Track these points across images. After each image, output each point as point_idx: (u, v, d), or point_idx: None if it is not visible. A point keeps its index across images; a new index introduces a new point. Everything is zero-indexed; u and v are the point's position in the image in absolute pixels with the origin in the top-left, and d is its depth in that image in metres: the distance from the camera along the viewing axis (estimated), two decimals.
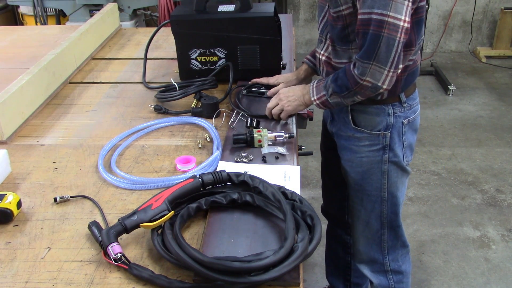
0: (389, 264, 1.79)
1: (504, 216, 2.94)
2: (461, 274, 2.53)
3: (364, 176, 1.65)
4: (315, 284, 2.49)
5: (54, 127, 1.73)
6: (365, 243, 1.79)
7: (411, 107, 1.59)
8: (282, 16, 2.30)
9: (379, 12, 1.32)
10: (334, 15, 1.48)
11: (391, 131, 1.58)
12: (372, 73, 1.37)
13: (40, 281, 1.06)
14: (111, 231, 1.10)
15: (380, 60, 1.36)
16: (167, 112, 1.77)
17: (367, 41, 1.36)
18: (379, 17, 1.32)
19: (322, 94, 1.51)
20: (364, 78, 1.39)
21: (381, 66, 1.36)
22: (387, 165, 1.62)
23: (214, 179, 1.24)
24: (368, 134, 1.60)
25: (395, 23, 1.32)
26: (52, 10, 4.25)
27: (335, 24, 1.50)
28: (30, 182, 1.41)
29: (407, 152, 1.64)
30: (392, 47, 1.34)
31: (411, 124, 1.61)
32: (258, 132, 1.52)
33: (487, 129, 3.91)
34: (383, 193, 1.66)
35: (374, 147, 1.60)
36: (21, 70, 1.87)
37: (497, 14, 5.22)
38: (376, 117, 1.57)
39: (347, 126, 1.63)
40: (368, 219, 1.73)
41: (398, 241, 1.78)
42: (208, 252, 1.09)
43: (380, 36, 1.33)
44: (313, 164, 3.45)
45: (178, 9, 2.00)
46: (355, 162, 1.65)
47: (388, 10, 1.31)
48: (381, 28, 1.33)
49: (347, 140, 1.66)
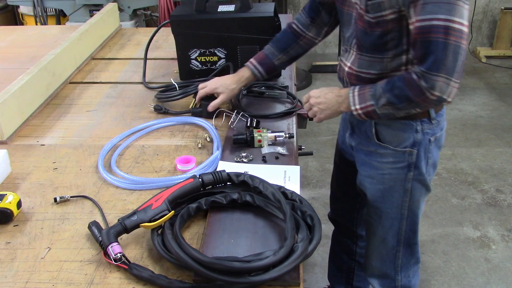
0: (401, 280, 1.72)
1: (504, 216, 2.94)
2: (461, 274, 2.53)
3: (385, 194, 1.56)
4: (315, 284, 2.48)
5: (54, 127, 1.73)
6: (379, 259, 1.72)
7: (439, 124, 1.49)
8: (282, 16, 2.30)
9: (444, 17, 1.20)
10: (373, 20, 1.35)
11: (418, 148, 1.48)
12: (440, 86, 1.24)
13: (40, 281, 1.06)
14: (111, 231, 1.10)
15: (448, 71, 1.23)
16: (167, 112, 1.77)
17: (432, 50, 1.22)
18: (444, 23, 1.20)
19: (369, 104, 1.36)
20: (433, 92, 1.25)
21: (449, 77, 1.23)
22: (411, 183, 1.52)
23: (214, 179, 1.24)
24: (393, 151, 1.49)
25: (460, 29, 1.21)
26: (52, 10, 4.25)
27: (371, 31, 1.37)
28: (30, 182, 1.41)
29: (430, 170, 1.55)
30: (459, 55, 1.22)
31: (437, 141, 1.52)
32: (258, 132, 1.52)
33: (487, 129, 3.91)
34: (403, 211, 1.58)
35: (398, 164, 1.50)
36: (21, 70, 1.87)
37: (497, 14, 5.22)
38: (403, 133, 1.46)
39: (369, 140, 1.53)
40: (384, 236, 1.65)
41: (412, 258, 1.70)
42: (208, 252, 1.09)
43: (447, 44, 1.21)
44: (313, 164, 3.45)
45: (178, 9, 2.00)
46: (376, 178, 1.56)
47: (453, 15, 1.20)
48: (448, 35, 1.21)
49: (368, 155, 1.56)
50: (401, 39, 1.35)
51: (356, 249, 2.03)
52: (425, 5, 1.22)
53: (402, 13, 1.30)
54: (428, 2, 1.22)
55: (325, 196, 3.02)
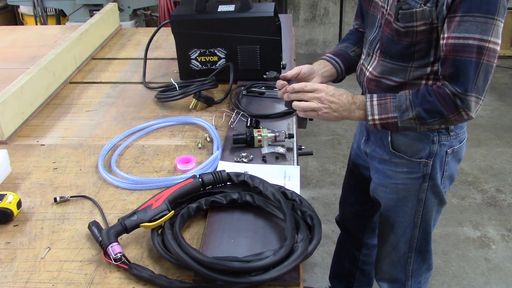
0: (411, 286, 1.71)
1: (504, 216, 2.94)
2: (461, 274, 2.53)
3: (399, 204, 1.54)
4: (315, 284, 2.48)
5: (54, 127, 1.73)
6: (390, 264, 1.71)
7: (457, 136, 1.45)
8: (282, 16, 2.30)
9: (480, 37, 1.18)
10: (402, 30, 1.31)
11: (434, 159, 1.45)
12: (474, 106, 1.24)
13: (40, 281, 1.06)
14: (111, 231, 1.10)
15: (478, 90, 1.22)
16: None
17: (464, 70, 1.21)
18: (479, 43, 1.18)
19: (392, 116, 1.30)
20: (468, 112, 1.24)
21: (479, 96, 1.23)
22: (425, 194, 1.51)
23: (214, 179, 1.24)
24: (408, 161, 1.47)
25: (494, 48, 1.20)
26: (52, 10, 4.25)
27: (399, 40, 1.33)
28: (30, 182, 1.41)
29: (446, 182, 1.52)
30: (489, 74, 1.22)
31: (455, 154, 1.48)
32: (258, 132, 1.52)
33: (487, 129, 3.91)
34: (416, 220, 1.56)
35: (413, 174, 1.48)
36: (21, 70, 1.87)
37: None
38: (419, 143, 1.44)
39: (384, 149, 1.51)
40: (396, 243, 1.64)
41: (424, 265, 1.68)
42: (208, 252, 1.09)
43: (479, 64, 1.20)
44: (313, 164, 3.45)
45: (178, 9, 2.00)
46: (390, 188, 1.54)
47: (489, 35, 1.18)
48: (481, 55, 1.19)
49: (382, 164, 1.54)
50: (429, 50, 1.32)
51: (360, 257, 2.01)
52: (462, 23, 1.19)
53: (433, 26, 1.27)
54: (465, 20, 1.19)
55: (325, 196, 3.03)
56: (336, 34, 5.37)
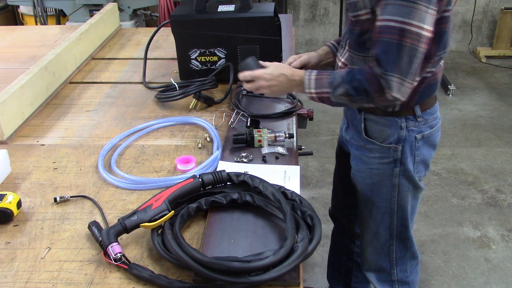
0: (397, 274, 1.75)
1: (504, 216, 2.94)
2: (461, 274, 2.53)
3: (374, 188, 1.61)
4: (315, 284, 2.48)
5: (54, 127, 1.73)
6: (374, 253, 1.75)
7: (426, 122, 1.51)
8: (282, 16, 2.30)
9: (401, 20, 1.24)
10: (353, 19, 1.40)
11: (403, 145, 1.50)
12: (397, 87, 1.29)
13: (40, 281, 1.06)
14: (111, 231, 1.10)
15: (402, 72, 1.28)
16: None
17: (386, 51, 1.27)
18: (401, 26, 1.24)
19: (325, 91, 1.40)
20: (390, 92, 1.30)
21: (403, 78, 1.28)
22: (398, 179, 1.56)
23: (214, 179, 1.24)
24: (379, 146, 1.53)
25: (419, 33, 1.24)
26: (52, 10, 4.25)
27: (353, 29, 1.43)
28: (30, 182, 1.41)
29: (420, 167, 1.57)
30: (414, 58, 1.27)
31: (427, 139, 1.53)
32: (258, 132, 1.52)
33: (487, 129, 3.91)
34: (392, 205, 1.61)
35: (385, 159, 1.54)
36: (21, 70, 1.87)
37: (497, 14, 5.22)
38: (388, 129, 1.50)
39: (359, 135, 1.57)
40: (377, 229, 1.68)
41: (407, 252, 1.73)
42: (208, 252, 1.09)
43: (402, 46, 1.25)
44: (313, 164, 3.45)
45: (178, 9, 2.00)
46: (365, 173, 1.60)
47: (411, 19, 1.23)
48: (403, 38, 1.24)
49: (358, 150, 1.60)
50: None
51: (354, 249, 2.04)
52: (386, 6, 1.27)
53: (375, 14, 1.33)
54: (388, 3, 1.26)
55: (325, 196, 3.03)
56: (336, 34, 5.37)
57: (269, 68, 1.48)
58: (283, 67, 1.49)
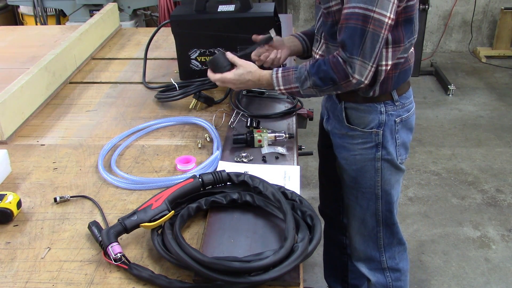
0: (386, 261, 1.80)
1: (504, 216, 2.94)
2: (461, 274, 2.53)
3: (358, 174, 1.66)
4: (315, 284, 2.48)
5: (54, 127, 1.73)
6: (362, 241, 1.79)
7: (404, 106, 1.59)
8: (282, 16, 2.30)
9: (365, 7, 1.32)
10: (324, 11, 1.48)
11: (384, 129, 1.58)
12: (359, 70, 1.38)
13: (40, 281, 1.06)
14: (111, 231, 1.10)
15: (365, 56, 1.36)
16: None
17: (351, 35, 1.35)
18: (364, 12, 1.32)
19: (294, 86, 1.48)
20: (354, 75, 1.38)
21: (365, 61, 1.37)
22: (380, 163, 1.62)
23: (214, 179, 1.24)
24: (361, 132, 1.59)
25: (380, 19, 1.33)
26: (52, 10, 4.25)
27: (326, 21, 1.50)
28: (30, 182, 1.41)
29: (401, 151, 1.64)
30: (376, 43, 1.35)
31: (405, 123, 1.61)
32: (258, 132, 1.52)
33: (487, 129, 3.91)
34: (377, 190, 1.67)
35: (367, 144, 1.60)
36: (21, 70, 1.87)
37: (497, 14, 5.22)
38: (369, 115, 1.57)
39: (341, 124, 1.63)
40: (363, 216, 1.73)
41: (394, 239, 1.78)
42: (208, 252, 1.09)
43: (365, 31, 1.34)
44: (313, 164, 3.45)
45: (178, 9, 2.00)
46: (350, 160, 1.66)
47: (374, 6, 1.31)
48: (366, 23, 1.33)
49: (341, 138, 1.66)
50: None
51: (346, 241, 2.06)
52: None
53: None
54: None
55: None
56: None
57: (238, 70, 1.55)
58: (250, 72, 1.54)
